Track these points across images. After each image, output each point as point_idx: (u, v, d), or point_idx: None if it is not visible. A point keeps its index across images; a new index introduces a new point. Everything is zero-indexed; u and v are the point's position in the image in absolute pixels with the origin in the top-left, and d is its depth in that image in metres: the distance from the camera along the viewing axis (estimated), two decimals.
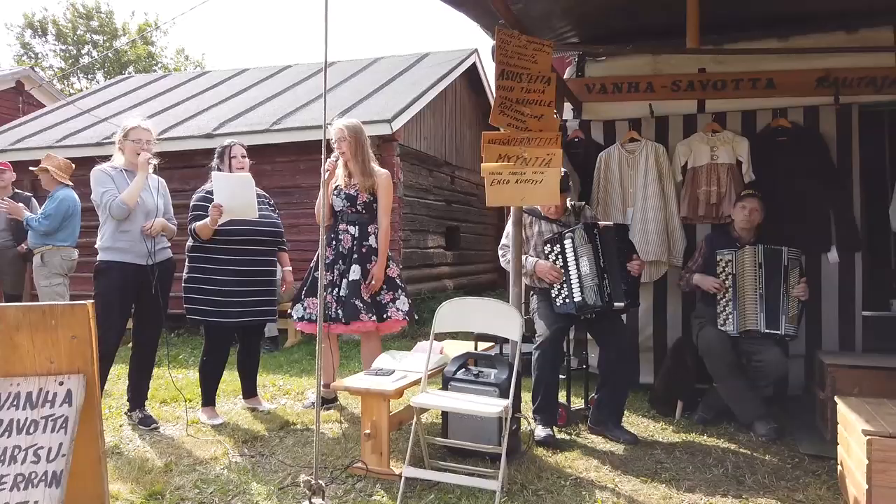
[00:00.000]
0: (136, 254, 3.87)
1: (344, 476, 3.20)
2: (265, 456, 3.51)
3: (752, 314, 3.92)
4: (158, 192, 4.01)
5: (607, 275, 3.74)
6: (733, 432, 3.87)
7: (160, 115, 9.04)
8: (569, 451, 3.55)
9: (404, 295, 4.24)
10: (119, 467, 3.30)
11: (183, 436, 3.83)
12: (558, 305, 3.80)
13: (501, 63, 3.43)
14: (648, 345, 4.78)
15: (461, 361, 3.46)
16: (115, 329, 3.86)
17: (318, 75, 9.94)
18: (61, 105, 10.99)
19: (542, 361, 3.71)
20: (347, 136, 4.18)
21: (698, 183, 4.61)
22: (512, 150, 3.49)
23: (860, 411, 2.75)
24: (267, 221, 4.16)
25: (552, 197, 3.55)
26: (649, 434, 3.87)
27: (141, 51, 26.64)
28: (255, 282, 4.11)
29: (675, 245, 4.64)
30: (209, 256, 4.03)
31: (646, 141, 4.77)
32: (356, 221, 4.19)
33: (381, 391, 3.09)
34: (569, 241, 3.78)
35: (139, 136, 3.94)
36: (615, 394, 3.82)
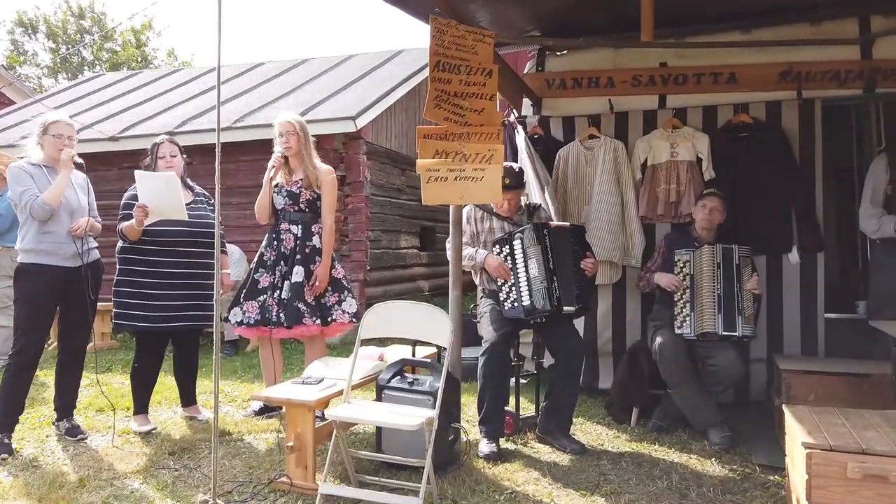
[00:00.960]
0: (62, 256, 3.66)
1: (266, 491, 3.02)
2: (190, 469, 3.32)
3: (709, 316, 3.75)
4: (82, 188, 3.81)
5: (557, 277, 3.56)
6: (687, 440, 3.70)
7: (126, 112, 8.83)
8: (511, 461, 3.38)
9: (351, 296, 4.06)
10: (29, 483, 3.11)
11: (108, 447, 3.64)
12: (506, 309, 3.62)
13: (437, 54, 3.26)
14: (607, 349, 4.61)
15: (396, 369, 3.29)
16: (38, 335, 3.66)
17: (289, 73, 9.75)
18: (27, 104, 10.75)
19: (488, 369, 3.53)
20: (297, 129, 4.01)
21: (657, 181, 4.45)
22: (450, 145, 3.32)
23: (804, 421, 2.58)
24: (202, 221, 3.97)
25: (493, 195, 3.38)
26: (600, 443, 3.70)
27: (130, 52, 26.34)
28: (189, 285, 3.91)
29: (633, 245, 4.47)
30: (139, 258, 3.84)
31: (605, 137, 4.60)
32: (299, 220, 4.01)
33: (304, 401, 2.91)
34: (518, 242, 3.60)
35: (60, 132, 3.73)
36: (563, 401, 3.64)
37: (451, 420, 3.20)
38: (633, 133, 4.65)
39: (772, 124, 4.35)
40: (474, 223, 3.85)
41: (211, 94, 9.19)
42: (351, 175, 7.36)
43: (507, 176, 3.64)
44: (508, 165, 3.73)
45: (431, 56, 3.24)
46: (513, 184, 3.68)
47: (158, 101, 9.19)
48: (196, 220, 3.93)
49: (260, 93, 8.81)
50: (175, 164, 4.04)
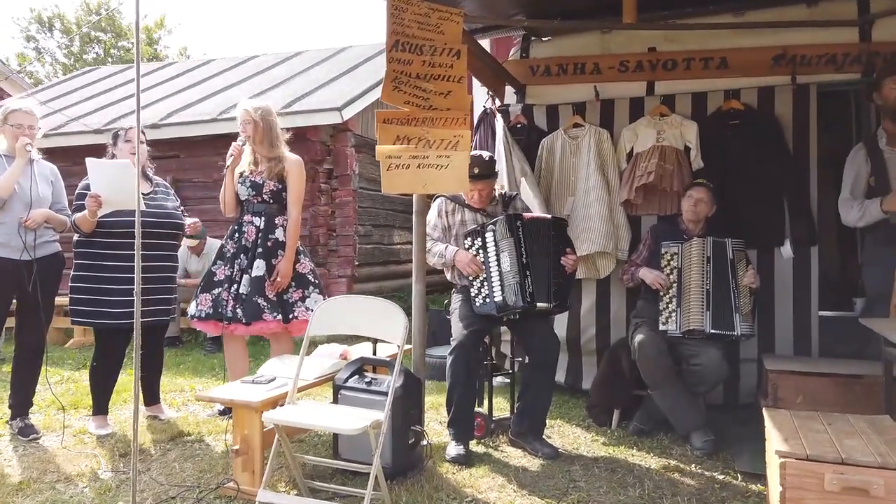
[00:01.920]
0: (12, 248, 3.51)
1: (212, 497, 2.84)
2: (140, 472, 3.14)
3: (696, 312, 3.53)
4: (45, 179, 3.66)
5: (530, 272, 3.35)
6: (668, 445, 3.49)
7: (111, 106, 8.70)
8: (478, 466, 3.18)
9: (317, 292, 3.86)
10: None
11: (59, 448, 3.48)
12: (478, 305, 3.42)
13: (395, 33, 3.06)
14: (591, 347, 4.40)
15: (354, 368, 3.09)
16: None
17: (281, 65, 9.57)
18: (22, 97, 10.66)
19: (455, 368, 3.34)
20: (254, 117, 3.82)
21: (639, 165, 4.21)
22: (412, 130, 3.12)
23: (782, 426, 2.37)
24: (161, 212, 3.80)
25: (459, 184, 3.18)
26: (576, 447, 3.49)
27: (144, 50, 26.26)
28: (149, 278, 3.74)
29: (619, 237, 4.25)
30: (94, 252, 3.67)
31: (590, 126, 4.38)
32: (262, 212, 3.82)
33: (248, 402, 2.72)
34: (490, 235, 3.40)
35: (19, 121, 3.58)
36: (536, 403, 3.44)
37: (411, 422, 3.01)
38: (619, 121, 4.43)
39: (764, 111, 4.11)
40: (445, 216, 3.65)
41: (199, 86, 9.06)
42: (339, 168, 7.18)
43: (477, 165, 3.45)
44: (478, 154, 3.53)
45: (389, 35, 3.05)
46: (483, 172, 3.48)
47: (144, 96, 9.05)
48: (155, 210, 3.76)
49: (250, 84, 8.66)
50: (142, 151, 3.88)
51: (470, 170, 3.41)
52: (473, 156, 3.48)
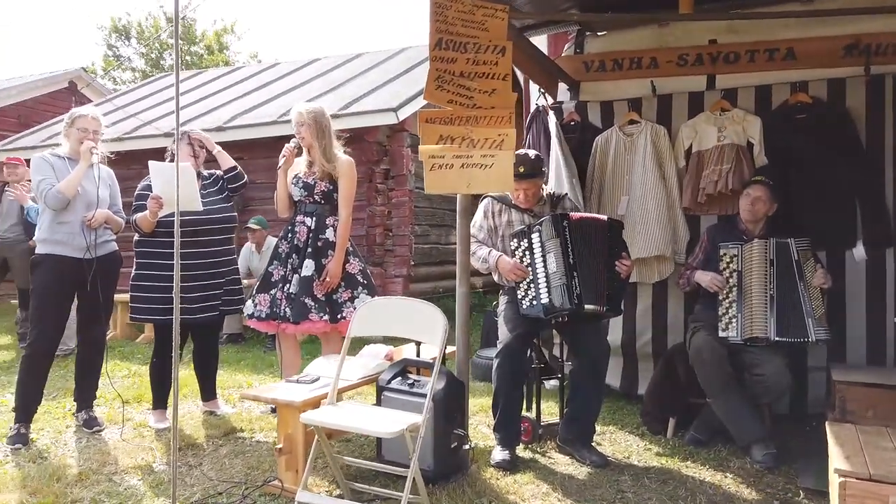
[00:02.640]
0: (75, 247, 3.66)
1: (257, 494, 2.88)
2: (192, 467, 3.23)
3: (759, 319, 3.35)
4: (104, 182, 3.80)
5: (577, 273, 3.26)
6: (726, 457, 3.32)
7: (182, 110, 9.02)
8: (523, 472, 3.11)
9: (365, 293, 3.87)
10: (30, 475, 3.09)
11: (118, 440, 3.61)
12: (524, 308, 3.34)
13: (439, 31, 3.03)
14: (647, 351, 4.25)
15: (397, 369, 3.08)
16: (52, 324, 3.65)
17: (342, 67, 9.70)
18: (100, 102, 11.21)
19: (501, 372, 3.28)
20: (307, 119, 3.87)
21: (702, 167, 4.04)
22: (456, 130, 3.08)
23: (846, 442, 2.21)
24: (214, 208, 3.90)
25: (504, 183, 3.12)
26: (626, 455, 3.37)
27: (218, 57, 27.18)
28: (206, 275, 3.86)
29: (676, 239, 4.09)
30: (153, 251, 3.80)
31: (646, 122, 4.23)
32: (314, 212, 3.86)
33: (290, 402, 2.75)
34: (536, 235, 3.32)
35: (85, 126, 3.74)
36: (585, 409, 3.35)
37: (454, 425, 2.97)
38: (678, 117, 4.25)
39: (834, 104, 3.86)
40: (491, 217, 3.59)
41: (263, 90, 9.28)
42: (395, 168, 7.22)
43: (522, 163, 3.37)
44: (524, 152, 3.45)
45: (432, 34, 3.02)
46: (528, 172, 3.40)
47: (213, 99, 9.36)
48: (207, 208, 3.86)
49: (311, 87, 8.81)
50: (201, 155, 4.00)
51: (515, 169, 3.35)
52: (519, 154, 3.41)
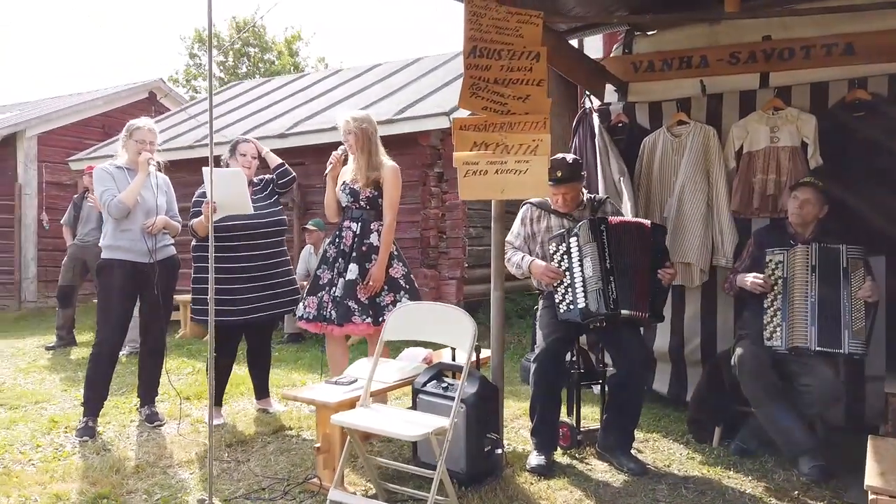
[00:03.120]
0: (137, 252, 3.89)
1: (297, 491, 3.00)
2: (239, 462, 3.39)
3: (801, 328, 3.23)
4: (161, 189, 4.02)
5: (614, 278, 3.23)
6: (772, 468, 3.22)
7: (249, 117, 9.38)
8: (558, 478, 3.11)
9: (407, 297, 3.94)
10: (92, 465, 3.31)
11: (175, 435, 3.81)
12: (562, 312, 3.34)
13: (473, 39, 3.06)
14: (696, 357, 4.14)
15: (433, 373, 3.14)
16: (117, 326, 3.90)
17: (401, 72, 9.85)
18: (174, 112, 11.77)
19: (538, 377, 3.29)
20: (353, 127, 3.97)
21: (753, 170, 3.92)
22: (490, 136, 3.11)
23: (885, 458, 2.12)
24: (264, 213, 4.05)
25: (538, 189, 3.13)
26: (667, 463, 3.31)
27: (284, 61, 28.04)
28: (258, 277, 4.03)
29: (723, 243, 3.98)
30: (208, 255, 3.98)
31: (695, 123, 4.13)
32: (359, 218, 3.97)
33: (325, 403, 2.84)
34: (574, 240, 3.32)
35: (142, 137, 3.97)
36: (623, 415, 3.31)
37: (487, 429, 3.00)
38: (728, 117, 4.13)
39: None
40: (529, 224, 3.59)
41: (325, 96, 9.53)
42: (449, 171, 7.27)
43: (560, 168, 3.37)
44: (562, 156, 3.44)
45: (466, 41, 3.05)
46: (566, 176, 3.39)
47: (279, 106, 9.67)
48: (259, 212, 4.01)
49: (371, 92, 8.99)
50: (253, 166, 4.17)
51: (552, 173, 3.36)
52: (556, 159, 3.41)
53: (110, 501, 2.87)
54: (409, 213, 7.30)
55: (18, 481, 3.07)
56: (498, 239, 3.29)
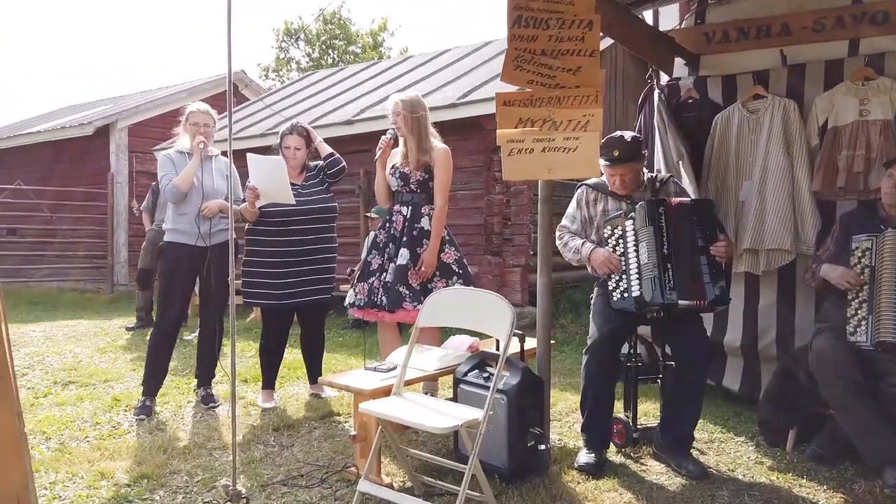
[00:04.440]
0: (193, 235, 3.93)
1: (334, 479, 2.93)
2: (283, 447, 3.37)
3: (888, 321, 2.87)
4: (220, 173, 4.04)
5: (672, 265, 2.98)
6: (851, 478, 2.89)
7: (318, 106, 9.47)
8: (608, 478, 2.91)
9: (460, 282, 3.81)
10: (143, 445, 3.37)
11: (226, 417, 3.84)
12: (615, 300, 3.12)
13: (518, 8, 2.87)
14: (771, 352, 3.80)
15: (475, 362, 3.00)
16: (174, 307, 3.96)
17: (472, 55, 9.67)
18: (252, 102, 12.06)
19: (589, 370, 3.09)
20: (402, 110, 3.87)
21: (838, 146, 3.54)
22: (537, 112, 2.92)
23: None
24: (315, 199, 4.02)
25: (588, 168, 2.91)
26: (732, 468, 3.04)
27: (369, 54, 28.35)
28: (309, 261, 4.01)
29: (804, 228, 3.62)
30: (259, 238, 4.01)
31: (773, 97, 3.77)
32: (409, 202, 3.87)
33: (359, 390, 2.76)
34: (630, 223, 3.09)
35: (196, 120, 4.00)
36: (682, 414, 3.06)
37: (530, 423, 2.83)
38: (811, 89, 3.76)
39: None
40: (585, 207, 3.37)
41: (395, 82, 9.48)
42: None
43: (617, 147, 3.13)
44: (619, 134, 3.20)
45: (510, 11, 2.86)
46: (624, 156, 3.14)
47: (348, 94, 9.72)
48: (308, 199, 3.98)
49: (438, 77, 8.88)
50: (298, 157, 4.13)
51: (609, 152, 3.14)
52: (613, 137, 3.18)
53: (151, 481, 2.90)
54: (473, 198, 7.16)
55: (70, 458, 3.16)
56: (545, 222, 3.09)
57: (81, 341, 6.43)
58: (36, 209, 11.74)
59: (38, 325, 7.50)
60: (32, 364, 5.33)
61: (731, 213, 3.80)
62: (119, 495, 2.75)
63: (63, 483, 2.87)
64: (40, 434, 3.51)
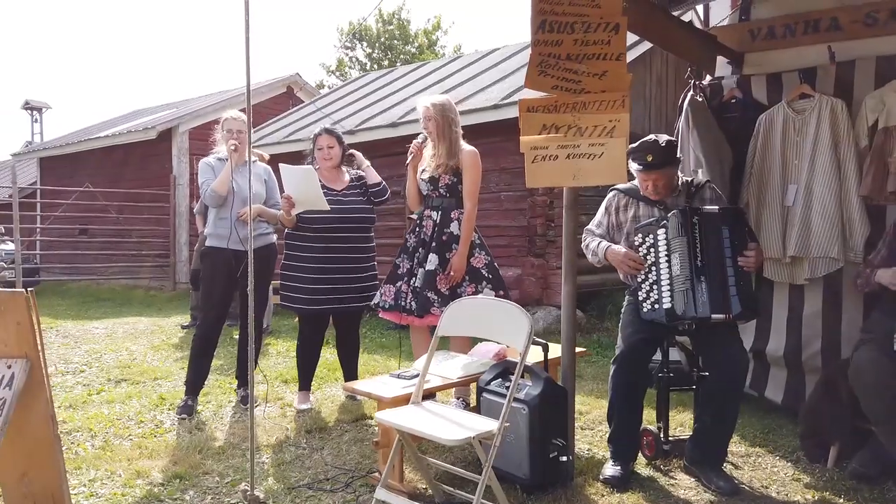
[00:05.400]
0: (233, 239, 4.04)
1: (358, 484, 2.97)
2: (314, 450, 3.43)
3: None
4: (259, 178, 4.15)
5: (705, 276, 2.89)
6: (894, 498, 2.74)
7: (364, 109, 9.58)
8: (634, 491, 2.84)
9: (489, 288, 3.80)
10: (180, 444, 3.49)
11: (262, 417, 3.93)
12: (645, 311, 3.05)
13: (542, 12, 2.82)
14: (815, 363, 3.64)
15: (498, 370, 2.98)
16: (215, 311, 4.09)
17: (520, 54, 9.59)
18: (304, 105, 12.30)
19: (616, 381, 3.04)
20: (433, 113, 3.88)
21: (890, 148, 3.35)
22: (561, 118, 2.87)
23: None
24: (353, 207, 4.06)
25: (615, 174, 2.85)
26: (766, 484, 2.93)
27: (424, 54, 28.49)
28: (344, 269, 4.05)
29: (852, 234, 3.45)
30: (298, 244, 4.08)
31: (820, 96, 3.60)
32: (439, 206, 3.87)
33: (379, 397, 2.78)
34: (662, 232, 3.00)
35: (230, 127, 4.11)
36: (714, 427, 2.96)
37: (553, 434, 2.80)
38: (861, 88, 3.58)
39: None
40: (615, 213, 3.29)
41: (442, 83, 9.50)
42: None
43: (651, 151, 3.05)
44: (653, 138, 3.11)
45: (534, 15, 2.82)
46: (657, 161, 3.05)
47: (395, 96, 9.78)
48: (345, 207, 4.02)
49: (485, 77, 8.81)
50: (334, 156, 4.18)
51: (642, 157, 3.07)
52: (647, 141, 3.10)
53: (184, 481, 3.00)
54: (516, 200, 7.11)
55: (111, 455, 3.30)
56: (569, 229, 3.04)
57: (138, 339, 6.71)
58: (104, 210, 12.30)
59: (102, 322, 7.87)
60: (90, 361, 5.59)
61: (776, 217, 3.65)
62: (151, 494, 2.85)
63: (101, 480, 3.00)
64: (87, 431, 3.69)
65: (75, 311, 9.14)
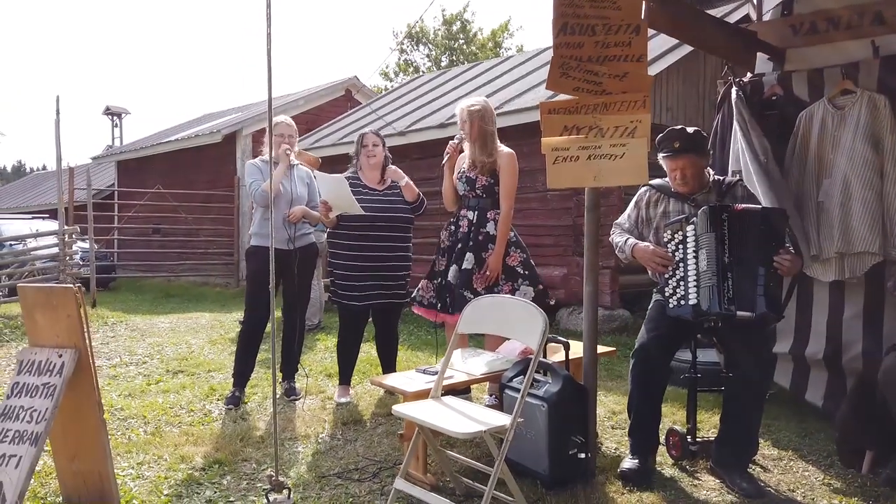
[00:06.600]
0: (279, 239, 4.20)
1: (385, 475, 3.08)
2: (348, 441, 3.57)
3: None
4: (302, 181, 4.34)
5: (732, 274, 2.87)
6: None
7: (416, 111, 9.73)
8: (655, 490, 2.85)
9: (526, 285, 3.86)
10: (224, 432, 3.69)
11: (302, 410, 4.11)
12: (671, 307, 3.05)
13: (563, 15, 2.86)
14: (856, 366, 3.53)
15: (521, 367, 3.04)
16: (260, 309, 4.28)
17: None
18: (360, 107, 12.57)
19: (634, 374, 3.07)
20: (469, 116, 3.97)
21: None
22: (582, 119, 2.91)
23: None
24: (392, 207, 4.18)
25: (637, 174, 2.87)
26: (794, 488, 2.88)
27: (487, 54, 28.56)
28: (384, 266, 4.19)
29: (892, 231, 3.34)
30: (340, 242, 4.23)
31: (862, 92, 3.50)
32: (475, 206, 3.96)
33: (402, 391, 2.89)
34: (691, 228, 3.00)
35: (281, 132, 4.30)
36: (739, 429, 2.94)
37: (572, 431, 2.84)
38: None
39: None
40: (645, 207, 3.30)
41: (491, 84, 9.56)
42: None
43: (678, 138, 3.05)
44: (680, 127, 3.11)
45: (556, 18, 2.86)
46: (684, 147, 3.03)
47: (446, 97, 9.89)
48: (385, 207, 4.15)
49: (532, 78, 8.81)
50: (378, 155, 4.32)
51: (669, 144, 3.08)
52: (673, 129, 3.11)
53: (223, 467, 3.18)
54: (562, 199, 7.12)
55: (161, 441, 3.53)
56: (591, 230, 3.07)
57: (199, 333, 7.05)
58: (175, 211, 12.92)
59: (167, 317, 8.29)
60: (152, 353, 5.94)
61: (811, 214, 3.58)
62: (192, 478, 3.05)
63: (149, 464, 3.23)
64: (141, 418, 3.94)
65: (147, 306, 9.65)
